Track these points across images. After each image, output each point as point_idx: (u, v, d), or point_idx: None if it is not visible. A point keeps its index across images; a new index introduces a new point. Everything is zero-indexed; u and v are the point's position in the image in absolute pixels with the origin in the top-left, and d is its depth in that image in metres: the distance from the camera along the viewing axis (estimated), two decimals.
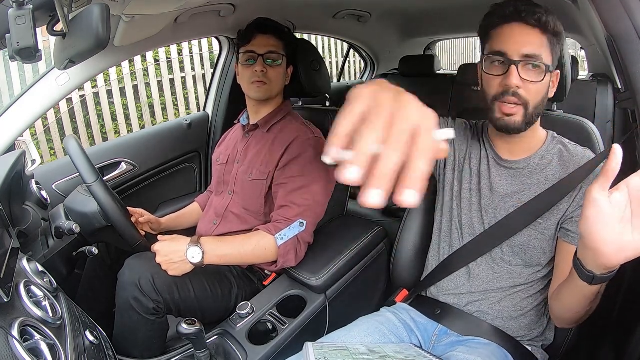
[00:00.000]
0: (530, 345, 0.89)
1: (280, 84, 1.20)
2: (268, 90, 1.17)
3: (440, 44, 3.65)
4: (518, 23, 0.76)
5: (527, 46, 0.75)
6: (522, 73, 0.76)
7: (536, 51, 0.76)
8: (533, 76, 0.76)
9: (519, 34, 0.76)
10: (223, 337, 1.03)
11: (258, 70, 1.14)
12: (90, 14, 0.65)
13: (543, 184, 0.84)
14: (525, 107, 0.78)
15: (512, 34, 0.77)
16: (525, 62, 0.76)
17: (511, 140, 0.87)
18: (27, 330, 0.59)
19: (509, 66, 0.76)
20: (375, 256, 1.26)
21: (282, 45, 1.19)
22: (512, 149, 0.88)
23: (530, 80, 0.76)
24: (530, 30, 0.76)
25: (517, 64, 0.75)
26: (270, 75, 1.16)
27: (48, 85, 1.18)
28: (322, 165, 1.13)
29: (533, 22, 0.75)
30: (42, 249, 0.98)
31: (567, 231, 0.82)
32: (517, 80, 0.75)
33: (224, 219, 1.22)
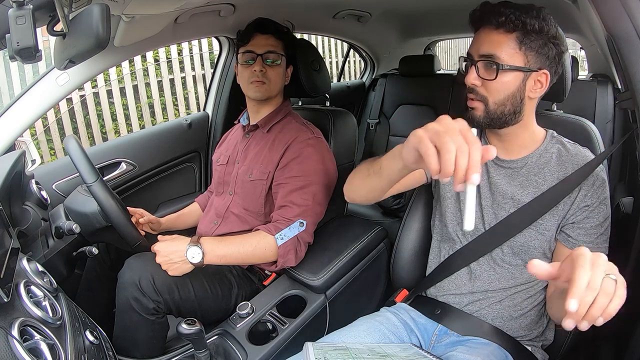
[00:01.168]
0: (530, 345, 0.89)
1: (279, 84, 1.20)
2: (267, 90, 1.17)
3: (440, 44, 3.65)
4: (484, 26, 0.80)
5: (484, 46, 0.79)
6: (482, 72, 0.80)
7: (491, 51, 0.78)
8: (488, 74, 0.79)
9: (482, 37, 0.80)
10: (223, 337, 1.03)
11: (257, 70, 1.14)
12: (90, 14, 0.65)
13: (541, 184, 0.84)
14: (485, 103, 0.81)
15: (477, 37, 0.82)
16: (482, 61, 0.79)
17: (503, 139, 0.87)
18: (27, 330, 0.59)
19: (470, 65, 0.81)
20: (375, 256, 1.26)
21: (281, 45, 1.19)
22: (506, 147, 0.88)
23: (486, 78, 0.80)
24: (492, 32, 0.79)
25: (476, 64, 0.80)
26: (270, 75, 1.16)
27: (48, 85, 1.18)
28: (322, 165, 1.13)
29: (495, 23, 0.78)
30: (42, 249, 0.98)
31: (568, 236, 0.82)
32: (473, 79, 0.81)
33: (225, 219, 1.22)
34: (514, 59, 0.77)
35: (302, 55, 1.32)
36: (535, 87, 0.81)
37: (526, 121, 0.85)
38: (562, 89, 0.92)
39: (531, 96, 0.81)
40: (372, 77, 2.60)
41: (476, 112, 0.83)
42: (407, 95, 2.37)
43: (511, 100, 0.80)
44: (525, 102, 0.81)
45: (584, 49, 2.24)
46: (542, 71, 0.79)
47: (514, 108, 0.81)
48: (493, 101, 0.81)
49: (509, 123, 0.83)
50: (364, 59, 2.66)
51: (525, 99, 0.81)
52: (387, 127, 2.43)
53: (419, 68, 2.33)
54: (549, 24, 0.77)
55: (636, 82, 0.75)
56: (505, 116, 0.81)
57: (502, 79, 0.78)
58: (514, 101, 0.80)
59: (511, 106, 0.81)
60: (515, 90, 0.80)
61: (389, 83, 2.44)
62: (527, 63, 0.78)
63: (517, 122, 0.84)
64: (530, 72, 0.79)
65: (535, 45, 0.77)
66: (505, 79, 0.79)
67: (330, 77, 1.57)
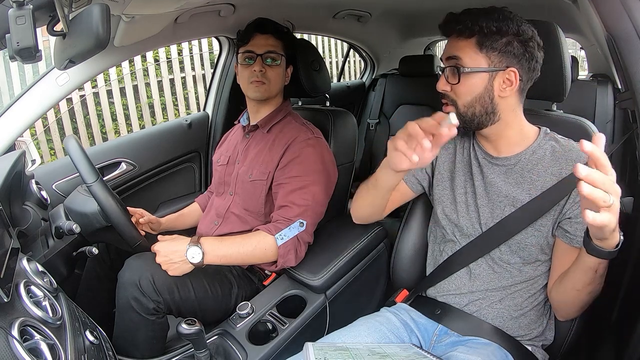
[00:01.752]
0: (530, 345, 0.89)
1: (279, 84, 1.20)
2: (267, 90, 1.17)
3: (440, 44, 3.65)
4: (449, 36, 0.85)
5: (450, 50, 0.84)
6: (449, 77, 0.84)
7: (453, 55, 0.82)
8: (453, 79, 0.83)
9: (448, 45, 0.85)
10: (223, 337, 1.04)
11: (257, 70, 1.14)
12: (90, 14, 0.65)
13: (535, 180, 0.84)
14: (455, 106, 0.84)
15: (446, 46, 0.86)
16: (448, 67, 0.84)
17: (490, 139, 0.89)
18: (27, 330, 0.59)
19: (442, 72, 0.86)
20: (375, 256, 1.26)
21: (281, 45, 1.19)
22: (496, 146, 0.89)
23: (452, 83, 0.83)
24: (455, 39, 0.83)
25: (444, 70, 0.85)
26: (269, 75, 1.16)
27: (48, 85, 1.18)
28: (322, 165, 1.14)
29: (457, 32, 0.82)
30: (42, 249, 0.98)
31: (566, 232, 0.82)
32: (442, 85, 0.85)
33: (225, 219, 1.22)
34: (475, 61, 0.80)
35: (302, 55, 1.32)
36: (504, 86, 0.81)
37: (508, 120, 0.85)
38: (562, 89, 0.92)
39: (502, 95, 0.82)
40: (372, 77, 2.60)
41: None
42: (407, 95, 2.37)
43: (480, 102, 0.82)
44: (497, 102, 0.83)
45: (584, 49, 2.24)
46: (509, 69, 0.80)
47: (484, 109, 0.83)
48: (462, 104, 0.83)
49: (485, 123, 0.84)
50: (364, 59, 2.66)
51: (495, 99, 0.82)
52: (387, 127, 2.43)
53: (419, 68, 2.33)
54: (509, 23, 0.78)
55: (636, 82, 0.75)
56: (477, 117, 0.84)
57: (466, 82, 0.81)
58: (482, 102, 0.82)
59: (481, 107, 0.82)
60: (482, 92, 0.81)
61: (389, 83, 2.44)
62: (490, 64, 0.80)
63: (496, 122, 0.84)
64: (496, 72, 0.80)
65: (497, 45, 0.79)
66: (469, 81, 0.81)
67: (330, 77, 1.57)
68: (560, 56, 0.90)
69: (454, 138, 0.97)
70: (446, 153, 0.97)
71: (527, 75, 0.82)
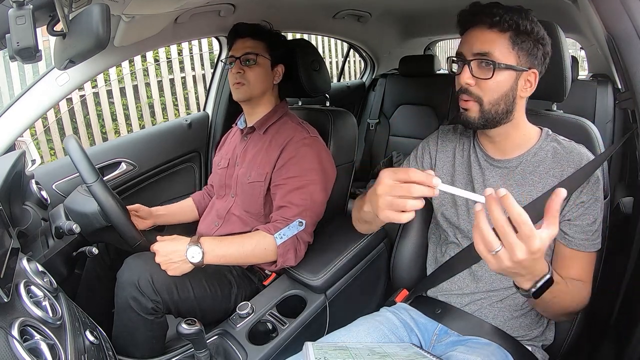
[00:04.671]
0: (531, 345, 0.89)
1: (260, 84, 1.20)
2: (247, 91, 1.18)
3: (440, 44, 3.65)
4: (475, 27, 0.80)
5: (477, 45, 0.79)
6: (476, 71, 0.79)
7: (486, 49, 0.78)
8: (483, 73, 0.79)
9: (474, 36, 0.80)
10: (223, 337, 1.03)
11: (234, 72, 1.17)
12: (90, 14, 0.65)
13: (537, 182, 0.84)
14: (479, 103, 0.81)
15: (468, 36, 0.81)
16: (476, 60, 0.79)
17: (495, 139, 0.88)
18: (27, 330, 0.59)
19: (463, 65, 0.81)
20: (375, 256, 1.26)
21: (262, 45, 1.20)
22: (499, 147, 0.88)
23: (481, 77, 0.79)
24: (485, 31, 0.79)
25: (469, 63, 0.80)
26: (248, 76, 1.18)
27: (48, 85, 1.18)
28: (319, 164, 1.14)
29: (489, 22, 0.78)
30: (42, 249, 0.98)
31: (564, 234, 0.82)
32: (467, 78, 0.80)
33: (226, 220, 1.22)
34: (507, 58, 0.78)
35: (302, 55, 1.32)
36: (525, 87, 0.81)
37: (517, 120, 0.85)
38: (562, 89, 0.92)
39: (522, 95, 0.82)
40: (372, 77, 2.60)
41: (470, 113, 0.82)
42: (407, 95, 2.37)
43: (504, 100, 0.81)
44: (517, 102, 0.82)
45: (584, 49, 2.24)
46: (531, 70, 0.80)
47: (507, 107, 0.81)
48: (488, 101, 0.80)
49: (501, 122, 0.83)
50: (364, 59, 2.66)
51: (517, 98, 0.82)
52: (387, 127, 2.43)
53: (419, 68, 2.33)
54: (537, 25, 0.79)
55: (636, 82, 0.75)
56: (498, 115, 0.82)
57: (496, 78, 0.79)
58: (507, 100, 0.81)
59: (504, 105, 0.81)
60: (508, 90, 0.80)
61: (389, 83, 2.44)
62: (518, 63, 0.79)
63: (509, 122, 0.84)
64: (522, 72, 0.80)
65: (526, 46, 0.78)
66: (499, 77, 0.79)
67: (330, 77, 1.57)
68: (560, 56, 0.89)
69: (452, 139, 0.98)
70: (445, 156, 0.97)
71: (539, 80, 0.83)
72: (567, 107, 1.02)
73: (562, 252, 0.83)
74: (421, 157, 1.01)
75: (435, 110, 2.24)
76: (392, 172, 0.64)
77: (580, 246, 0.81)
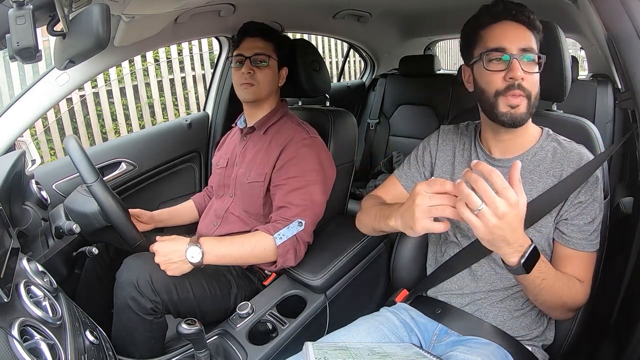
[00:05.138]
0: (531, 345, 0.89)
1: (269, 85, 1.21)
2: (256, 92, 1.18)
3: (440, 44, 3.65)
4: (509, 21, 0.80)
5: (523, 41, 0.79)
6: (523, 66, 0.79)
7: (530, 45, 0.80)
8: (531, 68, 0.80)
9: (513, 30, 0.80)
10: (223, 337, 1.03)
11: (245, 72, 1.16)
12: (90, 14, 0.65)
13: (537, 181, 0.84)
14: (528, 98, 0.80)
15: (506, 31, 0.80)
16: (524, 55, 0.79)
17: (506, 138, 0.87)
18: (27, 330, 0.59)
19: (510, 60, 0.78)
20: (375, 256, 1.26)
21: (271, 46, 1.20)
22: (506, 147, 0.88)
23: (530, 72, 0.79)
24: (521, 27, 0.80)
25: (518, 58, 0.78)
26: (258, 76, 1.17)
27: (48, 85, 1.18)
28: (319, 165, 1.14)
29: (523, 18, 0.80)
30: (42, 249, 0.98)
31: (562, 234, 0.83)
32: (522, 73, 0.78)
33: (224, 220, 1.22)
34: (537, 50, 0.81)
35: (302, 55, 1.32)
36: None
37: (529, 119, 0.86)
38: (562, 89, 0.92)
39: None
40: (372, 77, 2.60)
41: (520, 109, 0.80)
42: (407, 95, 2.37)
43: (539, 93, 0.82)
44: None
45: (584, 49, 2.24)
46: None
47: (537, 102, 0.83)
48: (535, 95, 0.81)
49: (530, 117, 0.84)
50: (364, 59, 2.66)
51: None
52: (387, 127, 2.43)
53: (419, 68, 2.33)
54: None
55: (636, 82, 0.75)
56: (534, 110, 0.83)
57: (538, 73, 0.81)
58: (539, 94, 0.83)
59: (537, 101, 0.83)
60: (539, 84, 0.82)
61: (389, 83, 2.44)
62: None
63: None
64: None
65: (538, 41, 0.82)
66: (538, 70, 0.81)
67: (330, 77, 1.57)
68: (561, 56, 0.89)
69: (453, 139, 0.98)
70: (444, 155, 0.97)
71: None
72: (567, 107, 1.02)
73: (561, 252, 0.84)
74: (422, 157, 1.01)
75: (435, 110, 2.24)
76: (427, 185, 0.69)
77: (578, 245, 0.81)
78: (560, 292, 0.78)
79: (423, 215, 0.69)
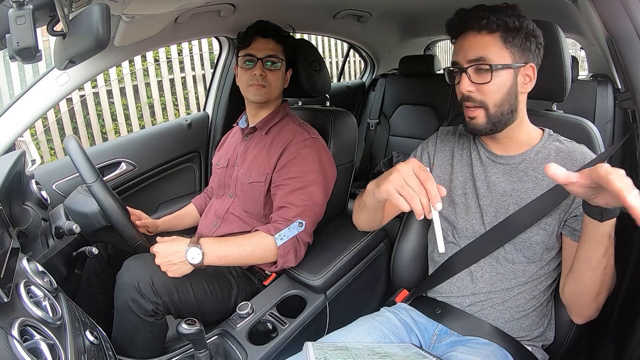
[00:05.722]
0: (531, 345, 0.89)
1: (279, 88, 1.21)
2: (267, 94, 1.18)
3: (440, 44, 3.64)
4: (465, 33, 0.81)
5: (470, 51, 0.80)
6: (474, 77, 0.80)
7: (480, 53, 0.79)
8: (482, 78, 0.80)
9: (465, 42, 0.81)
10: (223, 337, 1.03)
11: (257, 74, 1.15)
12: (90, 14, 0.65)
13: (540, 179, 0.84)
14: (484, 108, 0.81)
15: (460, 44, 0.82)
16: (472, 66, 0.80)
17: (499, 140, 0.88)
18: (27, 330, 0.59)
19: (460, 74, 0.81)
20: (375, 256, 1.26)
21: (281, 49, 1.19)
22: (503, 146, 0.89)
23: (480, 82, 0.80)
24: (476, 35, 0.80)
25: (466, 71, 0.80)
26: (270, 79, 1.17)
27: (48, 85, 1.18)
28: (319, 165, 1.14)
29: (478, 27, 0.79)
30: (42, 249, 0.98)
31: (574, 230, 0.82)
32: (467, 86, 0.81)
33: (225, 220, 1.22)
34: (502, 57, 0.79)
35: (302, 55, 1.32)
36: (525, 82, 0.82)
37: (521, 118, 0.86)
38: (562, 89, 0.92)
39: (522, 91, 0.83)
40: (372, 77, 2.60)
41: (477, 120, 0.83)
42: (407, 95, 2.37)
43: (508, 99, 0.81)
44: (519, 99, 0.83)
45: (584, 49, 2.24)
46: (528, 65, 0.81)
47: (510, 107, 0.82)
48: (493, 104, 0.81)
49: (508, 123, 0.84)
50: (364, 59, 2.66)
51: (518, 95, 0.82)
52: (387, 127, 2.43)
53: (419, 68, 2.33)
54: (525, 19, 0.80)
55: (636, 82, 0.75)
56: (504, 116, 0.82)
57: (496, 80, 0.80)
58: (509, 99, 0.82)
59: (508, 105, 0.82)
60: (509, 88, 0.81)
61: (389, 83, 2.44)
62: (514, 60, 0.80)
63: (514, 121, 0.85)
64: (519, 68, 0.80)
65: (518, 42, 0.79)
66: (499, 78, 0.80)
67: (330, 77, 1.57)
68: (560, 56, 0.90)
69: (451, 140, 0.98)
70: (443, 156, 0.98)
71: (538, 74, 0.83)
72: (567, 107, 1.02)
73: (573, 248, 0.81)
74: (420, 158, 1.02)
75: (435, 110, 2.24)
76: (418, 165, 0.67)
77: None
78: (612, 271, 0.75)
79: (394, 182, 0.67)
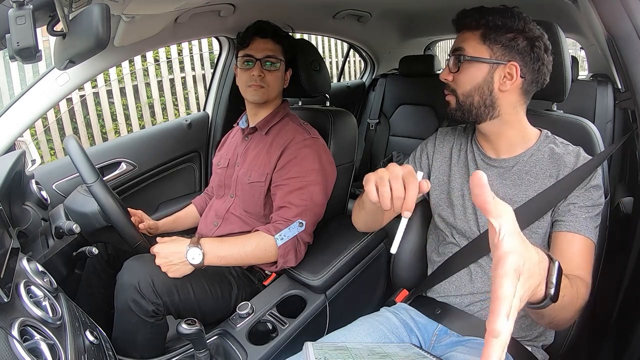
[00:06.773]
0: (531, 345, 0.89)
1: (278, 88, 1.21)
2: (265, 94, 1.18)
3: (440, 44, 3.65)
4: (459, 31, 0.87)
5: (454, 44, 0.87)
6: (451, 67, 0.86)
7: (457, 45, 0.85)
8: (454, 68, 0.86)
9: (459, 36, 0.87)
10: (223, 337, 1.03)
11: (255, 75, 1.15)
12: (90, 14, 0.65)
13: (533, 182, 0.84)
14: (455, 95, 0.87)
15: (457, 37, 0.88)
16: (452, 57, 0.86)
17: (489, 138, 0.89)
18: (27, 330, 0.59)
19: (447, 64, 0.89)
20: (375, 256, 1.26)
21: (280, 49, 1.19)
22: (494, 147, 0.89)
23: (452, 71, 0.86)
24: (463, 32, 0.86)
25: (449, 61, 0.87)
26: (268, 79, 1.17)
27: (48, 85, 1.18)
28: (319, 165, 1.14)
29: (463, 25, 0.85)
30: (42, 249, 0.98)
31: (560, 221, 0.81)
32: (445, 74, 0.88)
33: (225, 220, 1.22)
34: (477, 52, 0.82)
35: (302, 55, 1.32)
36: (504, 80, 0.82)
37: (509, 118, 0.85)
38: (562, 89, 0.92)
39: (502, 89, 0.83)
40: (372, 77, 2.60)
41: (450, 105, 0.89)
42: (407, 95, 2.37)
43: (478, 92, 0.84)
44: (497, 96, 0.83)
45: (584, 49, 2.24)
46: (510, 63, 0.81)
47: (483, 100, 0.84)
48: (461, 92, 0.86)
49: (483, 117, 0.85)
50: (364, 59, 2.66)
51: (495, 92, 0.83)
52: (387, 127, 2.43)
53: (419, 68, 2.33)
54: (516, 20, 0.81)
55: (636, 82, 0.75)
56: (475, 108, 0.85)
57: (466, 71, 0.84)
58: (481, 93, 0.83)
59: (479, 98, 0.84)
60: (481, 82, 0.83)
61: (389, 83, 2.44)
62: (492, 56, 0.81)
63: (495, 118, 0.85)
64: (498, 65, 0.81)
65: (501, 39, 0.81)
66: (469, 70, 0.83)
67: (330, 77, 1.57)
68: (560, 56, 0.90)
69: (450, 140, 0.99)
70: (442, 156, 0.98)
71: (531, 75, 0.82)
72: (567, 107, 1.02)
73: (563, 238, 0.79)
74: (419, 159, 1.02)
75: (435, 110, 2.24)
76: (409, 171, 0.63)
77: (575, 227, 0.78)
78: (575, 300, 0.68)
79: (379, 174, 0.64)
